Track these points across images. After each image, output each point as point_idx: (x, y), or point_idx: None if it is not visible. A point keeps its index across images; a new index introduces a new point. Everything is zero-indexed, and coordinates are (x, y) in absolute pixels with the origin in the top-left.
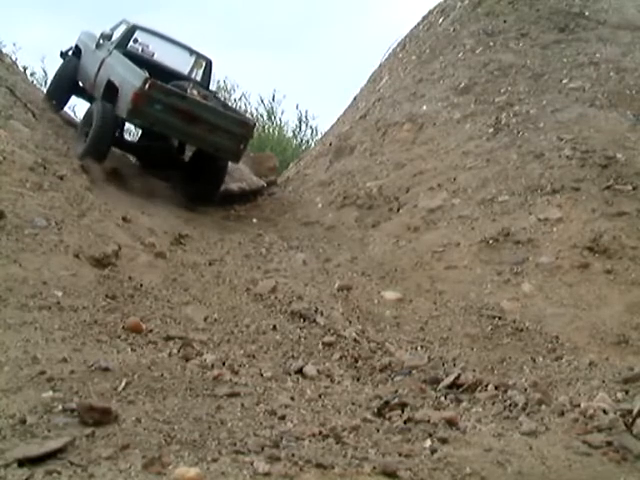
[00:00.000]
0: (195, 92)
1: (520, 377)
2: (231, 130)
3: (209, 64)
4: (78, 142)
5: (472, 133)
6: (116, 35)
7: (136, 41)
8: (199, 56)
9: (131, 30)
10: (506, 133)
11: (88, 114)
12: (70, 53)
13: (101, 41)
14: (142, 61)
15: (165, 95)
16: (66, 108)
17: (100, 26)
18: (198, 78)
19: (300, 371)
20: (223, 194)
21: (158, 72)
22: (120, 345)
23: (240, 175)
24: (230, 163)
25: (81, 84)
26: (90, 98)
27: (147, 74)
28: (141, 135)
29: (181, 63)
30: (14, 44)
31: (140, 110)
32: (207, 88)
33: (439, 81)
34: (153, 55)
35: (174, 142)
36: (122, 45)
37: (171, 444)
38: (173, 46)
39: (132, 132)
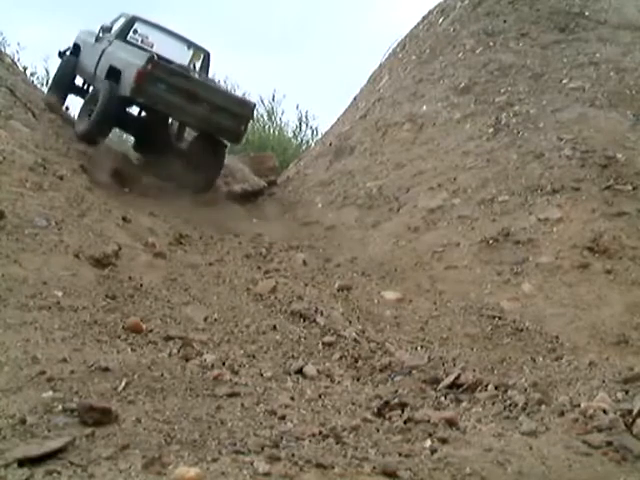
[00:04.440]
0: (197, 75)
1: (520, 377)
2: (232, 110)
3: (207, 56)
4: (81, 120)
5: (472, 133)
6: (115, 27)
7: (136, 32)
8: (197, 48)
9: (131, 21)
10: (506, 133)
11: (93, 93)
12: (68, 53)
13: (101, 34)
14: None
15: (168, 74)
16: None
17: (98, 26)
18: (196, 69)
19: (300, 371)
20: (226, 195)
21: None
22: (120, 345)
23: (242, 176)
24: (232, 164)
25: (80, 80)
26: (86, 93)
27: (152, 54)
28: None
29: (180, 54)
30: (18, 44)
31: (143, 88)
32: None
33: (439, 81)
34: (152, 46)
35: (173, 129)
36: (122, 36)
37: (171, 444)
38: (172, 38)
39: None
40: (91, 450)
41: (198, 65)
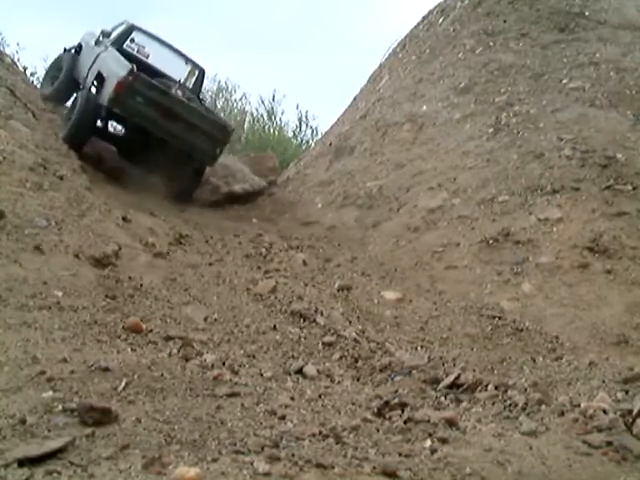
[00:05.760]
0: (179, 92)
1: (520, 377)
2: (209, 132)
3: (201, 73)
4: (63, 128)
5: (472, 133)
6: (114, 34)
7: (133, 41)
8: (193, 64)
9: (129, 30)
10: (506, 133)
11: (73, 102)
12: (73, 51)
13: (100, 38)
14: (135, 61)
15: (147, 88)
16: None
17: (99, 27)
18: (189, 85)
19: (300, 371)
20: (227, 196)
21: (149, 74)
22: (120, 345)
23: (243, 176)
24: (232, 164)
25: (77, 79)
26: None
27: (133, 66)
28: (125, 130)
29: (174, 68)
30: (18, 44)
31: (121, 99)
32: (198, 96)
33: (439, 81)
34: (147, 57)
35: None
36: (118, 43)
37: (171, 444)
38: (168, 51)
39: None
40: (91, 450)
41: (192, 81)
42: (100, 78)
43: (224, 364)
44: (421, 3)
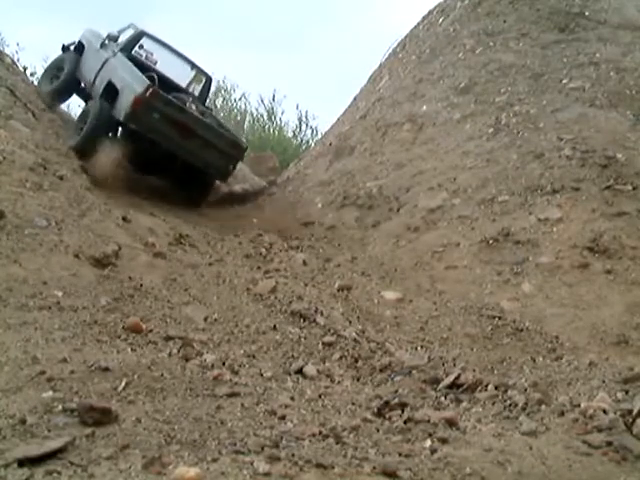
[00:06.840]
0: (194, 107)
1: (520, 377)
2: (223, 149)
3: (209, 80)
4: (72, 137)
5: (472, 133)
6: (122, 38)
7: (141, 47)
8: (200, 71)
9: (138, 36)
10: (506, 133)
11: (85, 112)
12: (72, 48)
13: (106, 42)
14: (143, 68)
15: (164, 105)
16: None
17: (99, 26)
18: (196, 93)
19: (300, 371)
20: (227, 195)
21: (157, 81)
22: (120, 345)
23: (243, 177)
24: None
25: (80, 81)
26: (86, 96)
27: (149, 82)
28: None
29: (181, 76)
30: (17, 44)
31: (138, 116)
32: (204, 103)
33: (439, 81)
34: (156, 64)
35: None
36: (127, 49)
37: (171, 444)
38: (176, 58)
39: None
40: (91, 450)
41: (199, 88)
42: (112, 88)
43: (224, 364)
44: (421, 3)
